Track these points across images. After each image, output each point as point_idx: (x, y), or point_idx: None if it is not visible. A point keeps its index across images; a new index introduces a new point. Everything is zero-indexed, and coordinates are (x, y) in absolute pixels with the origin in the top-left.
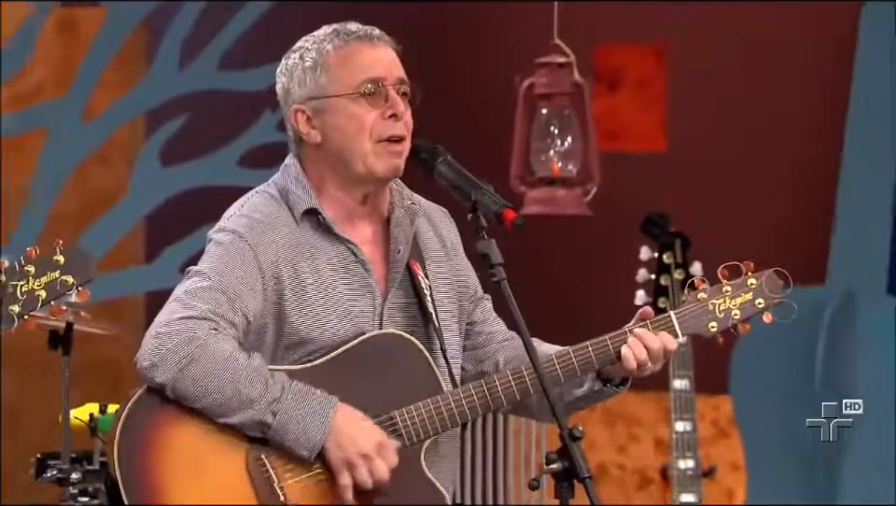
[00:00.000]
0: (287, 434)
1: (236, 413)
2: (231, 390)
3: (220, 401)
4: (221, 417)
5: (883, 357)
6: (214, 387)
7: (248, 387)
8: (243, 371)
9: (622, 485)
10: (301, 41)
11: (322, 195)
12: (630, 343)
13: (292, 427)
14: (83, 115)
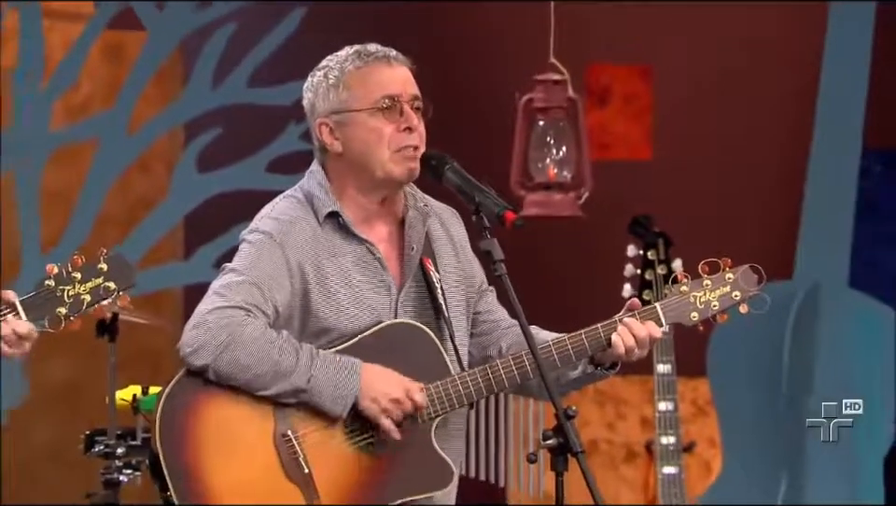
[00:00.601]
0: (323, 396)
1: (274, 384)
2: (267, 365)
3: (258, 375)
4: (260, 390)
5: (843, 344)
6: (251, 364)
7: (282, 360)
8: (275, 346)
9: (611, 459)
10: (325, 61)
11: (343, 199)
12: (619, 331)
13: (326, 389)
14: (127, 127)
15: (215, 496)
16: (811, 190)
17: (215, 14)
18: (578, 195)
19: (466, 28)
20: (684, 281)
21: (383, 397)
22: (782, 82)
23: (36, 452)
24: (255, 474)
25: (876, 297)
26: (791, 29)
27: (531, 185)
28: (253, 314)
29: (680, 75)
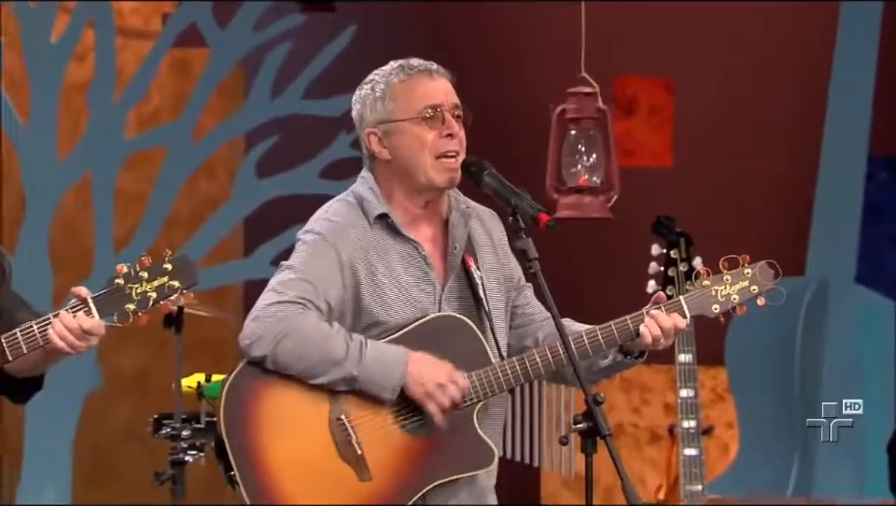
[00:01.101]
0: (373, 382)
1: (327, 372)
2: (320, 354)
3: (313, 364)
4: (314, 379)
5: (850, 336)
6: (306, 353)
7: (334, 349)
8: (328, 337)
9: (636, 441)
10: (372, 74)
11: (391, 202)
12: (647, 322)
13: (376, 376)
14: (192, 136)
15: (274, 474)
16: (821, 194)
17: (272, 33)
18: (607, 198)
19: (504, 45)
20: (706, 276)
21: (429, 382)
22: (793, 95)
23: (111, 433)
24: (311, 454)
25: (881, 292)
26: (802, 47)
27: (564, 189)
28: (307, 308)
29: (700, 88)
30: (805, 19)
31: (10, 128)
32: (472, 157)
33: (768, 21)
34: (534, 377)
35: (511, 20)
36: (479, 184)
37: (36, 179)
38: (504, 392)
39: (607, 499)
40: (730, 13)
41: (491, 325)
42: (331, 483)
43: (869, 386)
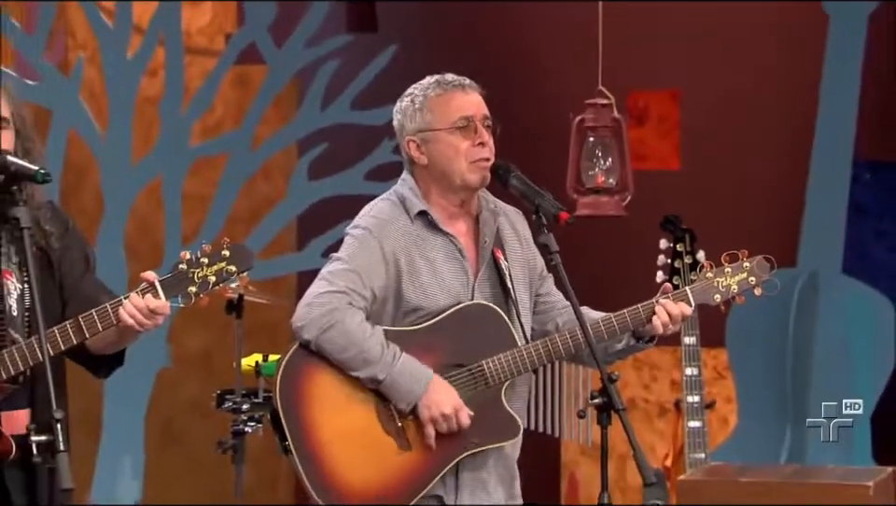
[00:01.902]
0: (394, 390)
1: (359, 369)
2: (356, 352)
3: (349, 358)
4: (348, 371)
5: (838, 320)
6: (345, 347)
7: (369, 352)
8: (367, 339)
9: (646, 414)
10: (411, 88)
11: (429, 201)
12: (657, 310)
13: (399, 386)
14: (251, 143)
15: (324, 444)
16: (811, 194)
17: (322, 52)
18: (622, 198)
19: (529, 62)
20: (709, 269)
21: (435, 408)
22: (786, 106)
23: (179, 407)
24: (357, 426)
25: (865, 282)
26: (793, 64)
27: (583, 190)
28: (354, 300)
29: (703, 100)
30: (796, 40)
31: (89, 136)
32: (500, 161)
33: (763, 40)
34: (555, 358)
35: (536, 41)
36: (506, 185)
37: (113, 182)
38: (528, 372)
39: (620, 466)
40: (730, 33)
41: (517, 311)
42: (374, 451)
43: (854, 365)
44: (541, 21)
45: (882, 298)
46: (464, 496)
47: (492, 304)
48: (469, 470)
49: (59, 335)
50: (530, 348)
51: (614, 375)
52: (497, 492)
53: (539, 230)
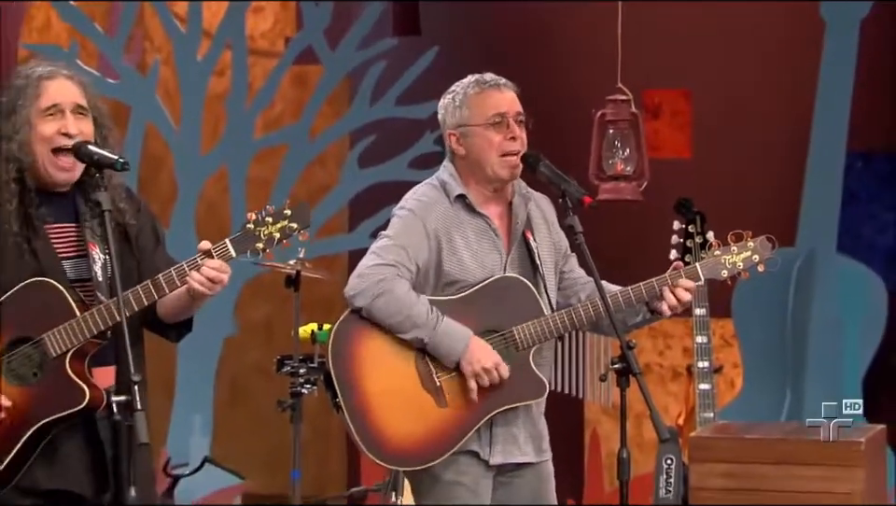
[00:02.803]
0: (439, 349)
1: (407, 331)
2: (404, 316)
3: (398, 322)
4: (396, 334)
5: (832, 294)
6: (394, 312)
7: (416, 316)
8: (414, 305)
9: (661, 378)
10: (454, 86)
11: (467, 186)
12: (665, 295)
13: (442, 345)
14: (308, 135)
15: (370, 401)
16: (809, 181)
17: (371, 53)
18: (639, 184)
19: (557, 63)
20: (717, 247)
21: (477, 363)
22: (787, 103)
23: (244, 371)
24: (400, 385)
25: (856, 259)
26: (793, 66)
27: (604, 177)
28: (401, 271)
29: (711, 97)
30: (795, 44)
31: (164, 129)
32: (530, 151)
33: (766, 44)
34: (578, 326)
35: (563, 43)
36: (535, 172)
37: (185, 170)
38: (554, 338)
39: (637, 424)
40: (736, 37)
41: (544, 285)
42: (416, 408)
43: (847, 333)
44: (567, 26)
45: (872, 274)
46: (497, 450)
47: (522, 277)
48: (501, 425)
49: (132, 298)
50: (556, 317)
51: (632, 343)
52: (527, 446)
53: (564, 212)
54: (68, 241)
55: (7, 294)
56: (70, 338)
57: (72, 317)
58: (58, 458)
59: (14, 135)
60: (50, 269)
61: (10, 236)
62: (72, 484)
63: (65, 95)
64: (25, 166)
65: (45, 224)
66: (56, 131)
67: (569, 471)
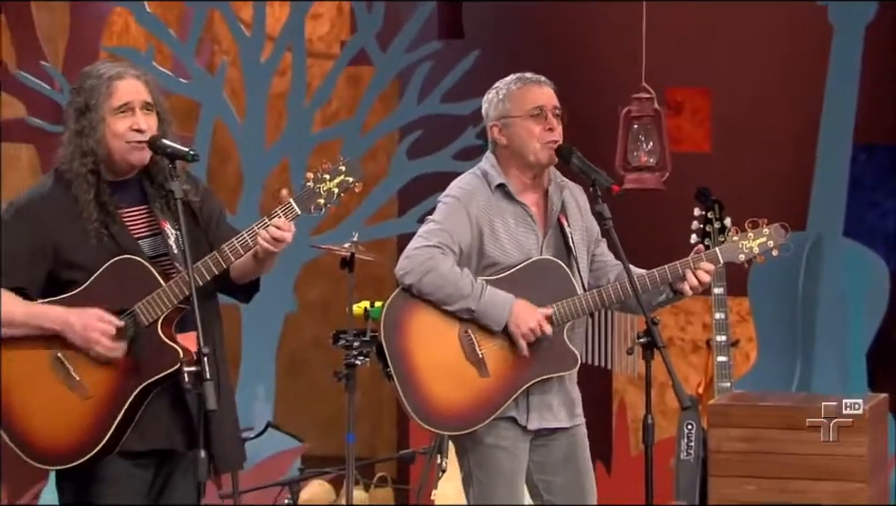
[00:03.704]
0: (486, 316)
1: (455, 303)
2: (452, 289)
3: (447, 295)
4: (445, 306)
5: (839, 274)
6: (442, 286)
7: (463, 288)
8: (459, 278)
9: (682, 351)
10: (498, 83)
11: (507, 175)
12: (688, 276)
13: (489, 312)
14: (361, 130)
15: (418, 371)
16: (818, 171)
17: (419, 55)
18: (661, 175)
19: (586, 63)
20: (735, 233)
21: (523, 323)
22: (798, 99)
23: (303, 344)
24: (445, 357)
25: (861, 242)
26: (804, 66)
27: (629, 168)
28: (445, 251)
29: (729, 95)
30: (806, 46)
31: (231, 124)
32: (564, 144)
33: (779, 46)
34: (607, 305)
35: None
36: (568, 163)
37: (250, 162)
38: (586, 315)
39: (661, 393)
40: (751, 39)
41: (577, 267)
42: (459, 378)
43: (852, 310)
44: (595, 29)
45: (875, 256)
46: (533, 416)
47: (557, 260)
48: (537, 394)
49: (204, 268)
50: (587, 296)
51: (656, 319)
52: (560, 413)
53: (594, 200)
54: (141, 222)
55: (96, 274)
56: (159, 306)
57: (158, 288)
58: (149, 421)
59: (91, 132)
60: (129, 249)
61: (90, 224)
62: (164, 443)
63: (135, 94)
64: (101, 159)
65: (118, 209)
66: (128, 127)
67: (599, 436)
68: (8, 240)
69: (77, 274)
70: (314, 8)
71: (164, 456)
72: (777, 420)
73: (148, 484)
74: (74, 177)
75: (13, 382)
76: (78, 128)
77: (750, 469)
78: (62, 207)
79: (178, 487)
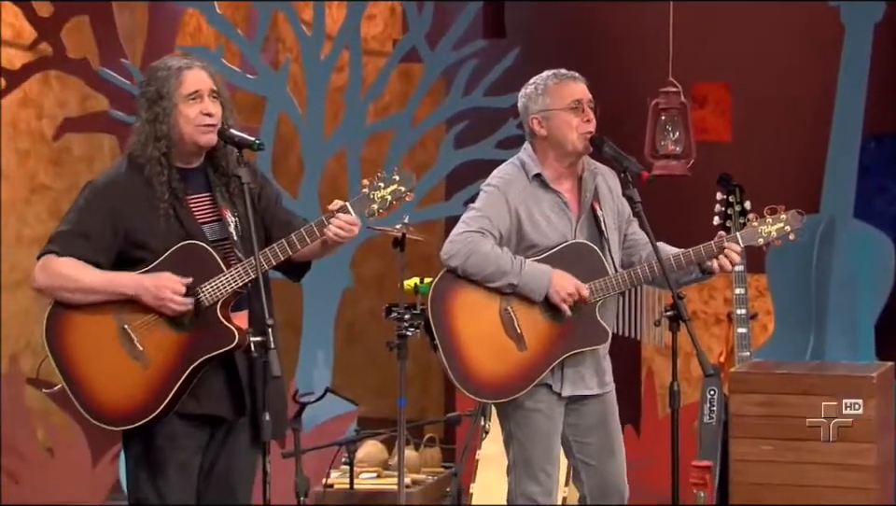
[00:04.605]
0: (527, 287)
1: (498, 279)
2: (493, 268)
3: (490, 273)
4: (489, 283)
5: (849, 253)
6: (485, 266)
7: (504, 265)
8: (500, 257)
9: (705, 323)
10: (534, 79)
11: (543, 165)
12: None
13: (530, 284)
14: (412, 121)
15: (462, 344)
16: (830, 158)
17: (464, 53)
18: (686, 162)
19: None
20: (754, 219)
21: (562, 289)
22: (813, 92)
23: (359, 315)
24: (487, 331)
25: (870, 224)
26: (818, 60)
27: (657, 156)
28: (485, 235)
29: (749, 88)
30: (819, 43)
31: (294, 116)
32: (597, 133)
33: (795, 43)
34: (637, 284)
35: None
36: (600, 151)
37: (311, 150)
38: (616, 293)
39: (686, 361)
40: (770, 37)
41: (609, 248)
42: (499, 350)
43: (861, 286)
44: (626, 28)
45: (883, 236)
46: (567, 384)
47: (590, 242)
48: (571, 366)
49: (270, 254)
50: (618, 276)
51: (681, 294)
52: (591, 381)
53: (626, 185)
54: (204, 208)
55: (164, 256)
56: (220, 290)
57: (220, 273)
58: (205, 389)
59: (164, 118)
60: (194, 233)
61: (162, 204)
62: (216, 409)
63: (203, 82)
64: (173, 143)
65: (186, 195)
66: (199, 112)
67: (629, 401)
68: (87, 219)
69: (144, 254)
70: (369, 10)
71: (216, 422)
72: (792, 386)
73: (204, 444)
74: (147, 162)
75: (82, 348)
76: (151, 116)
77: (767, 431)
78: (135, 190)
79: (236, 448)
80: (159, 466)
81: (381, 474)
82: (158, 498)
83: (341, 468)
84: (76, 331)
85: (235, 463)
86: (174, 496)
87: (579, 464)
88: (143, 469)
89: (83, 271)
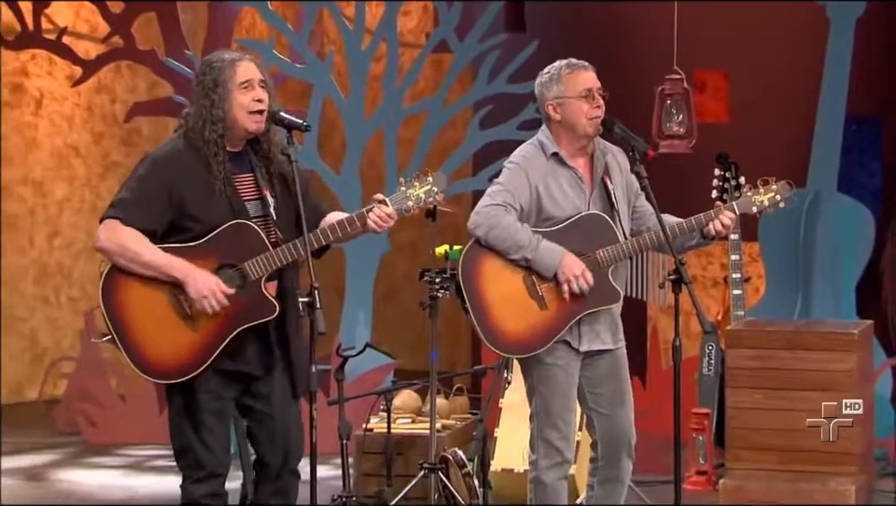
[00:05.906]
0: (539, 264)
1: (514, 253)
2: (511, 242)
3: (509, 246)
4: (507, 255)
5: (833, 224)
6: (505, 238)
7: (522, 240)
8: (519, 232)
9: (704, 286)
10: (548, 67)
11: (559, 145)
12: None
13: (542, 261)
14: (443, 105)
15: (489, 305)
16: (816, 138)
17: (489, 44)
18: (689, 142)
19: (628, 49)
20: (748, 190)
21: (568, 271)
22: (801, 79)
23: (395, 279)
24: (511, 293)
25: (852, 197)
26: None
27: (662, 136)
28: (508, 209)
29: (744, 76)
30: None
31: (337, 101)
32: (608, 116)
33: (784, 36)
34: (644, 250)
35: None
36: (610, 132)
37: (353, 132)
38: (627, 259)
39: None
40: (763, 30)
41: (619, 219)
42: (523, 310)
43: (844, 253)
44: (634, 21)
45: (863, 208)
46: (584, 340)
47: (602, 213)
48: (587, 323)
49: (320, 235)
50: (628, 243)
51: (683, 260)
52: (606, 336)
53: (633, 162)
54: (248, 188)
55: (216, 231)
56: (266, 265)
57: (265, 250)
58: (239, 347)
59: (220, 103)
60: (239, 209)
61: (216, 182)
62: (248, 367)
63: (253, 72)
64: (227, 126)
65: (233, 175)
66: (251, 99)
67: (636, 355)
68: (146, 188)
69: (193, 224)
70: (404, 6)
71: (248, 378)
72: (782, 342)
73: (235, 395)
74: (204, 144)
75: (135, 308)
76: (208, 102)
77: (759, 381)
78: (191, 167)
79: (275, 399)
80: (199, 414)
81: (415, 420)
82: (199, 442)
83: (379, 414)
84: (130, 293)
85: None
86: (212, 440)
87: (591, 413)
88: (185, 418)
89: (144, 246)
